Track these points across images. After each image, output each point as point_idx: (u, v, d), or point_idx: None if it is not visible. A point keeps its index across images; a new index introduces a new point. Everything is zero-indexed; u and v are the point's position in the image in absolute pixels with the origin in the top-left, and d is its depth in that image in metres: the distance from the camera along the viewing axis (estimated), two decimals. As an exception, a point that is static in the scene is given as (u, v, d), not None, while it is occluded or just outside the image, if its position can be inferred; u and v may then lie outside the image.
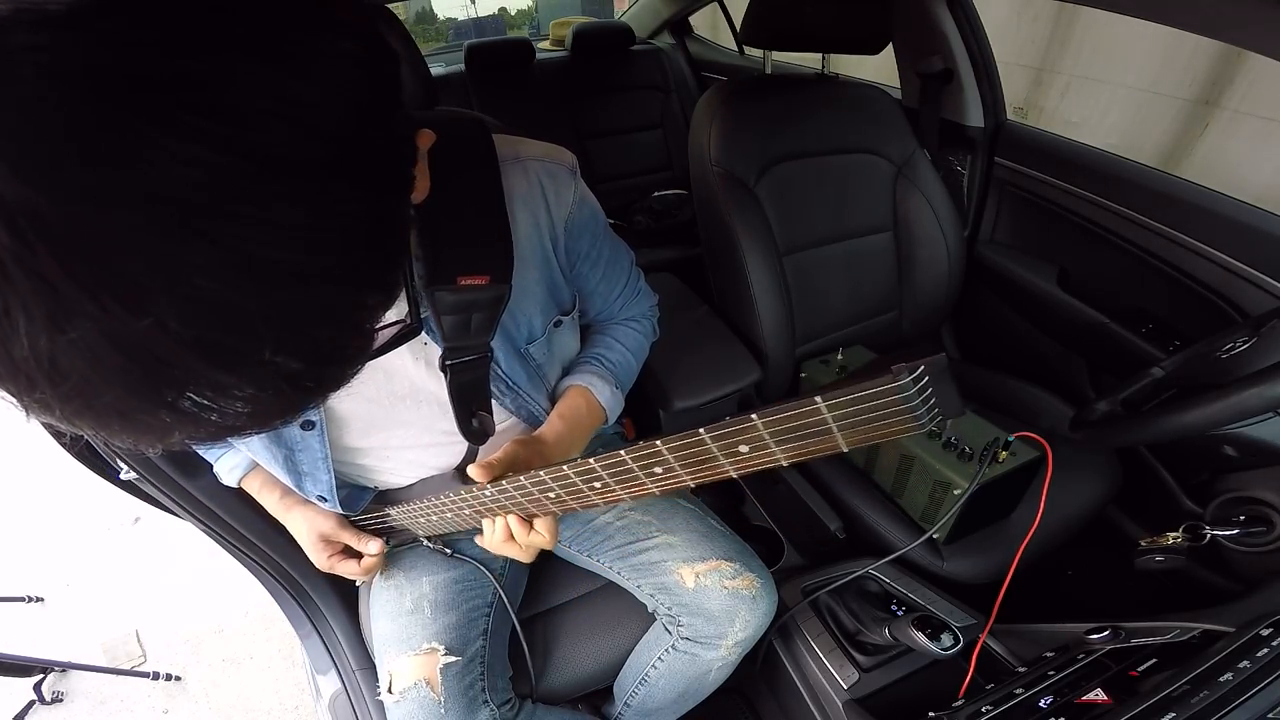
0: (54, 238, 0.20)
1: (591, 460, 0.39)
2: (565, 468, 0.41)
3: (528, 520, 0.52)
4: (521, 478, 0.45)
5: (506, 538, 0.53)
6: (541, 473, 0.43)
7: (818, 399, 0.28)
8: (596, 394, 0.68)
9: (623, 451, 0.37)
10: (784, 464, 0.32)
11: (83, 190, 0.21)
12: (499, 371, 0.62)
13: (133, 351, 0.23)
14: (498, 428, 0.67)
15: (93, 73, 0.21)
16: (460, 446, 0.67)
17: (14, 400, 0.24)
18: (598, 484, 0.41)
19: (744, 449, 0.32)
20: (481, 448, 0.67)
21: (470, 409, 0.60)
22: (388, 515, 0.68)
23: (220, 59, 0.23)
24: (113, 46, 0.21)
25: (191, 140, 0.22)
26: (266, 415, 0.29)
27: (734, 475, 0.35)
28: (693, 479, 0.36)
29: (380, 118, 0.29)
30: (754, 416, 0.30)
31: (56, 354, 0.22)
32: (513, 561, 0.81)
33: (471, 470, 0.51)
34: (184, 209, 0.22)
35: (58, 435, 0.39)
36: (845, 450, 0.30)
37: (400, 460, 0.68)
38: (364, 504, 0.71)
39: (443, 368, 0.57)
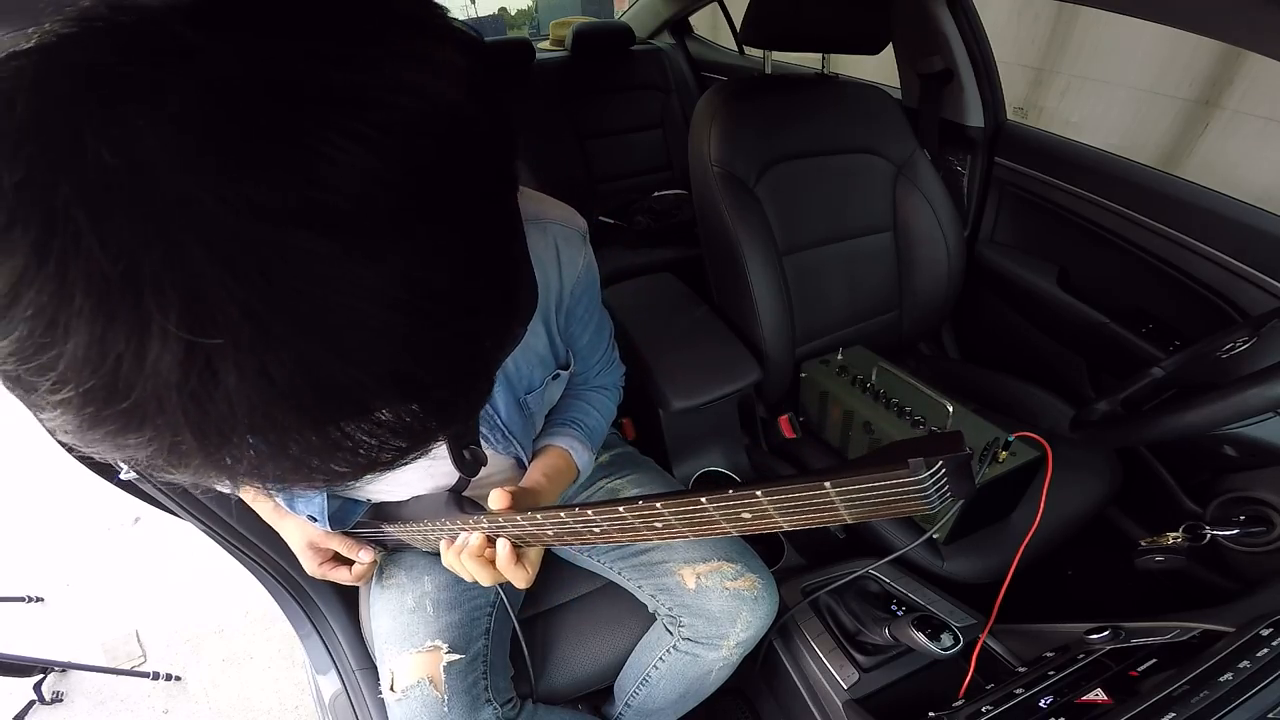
0: (269, 272, 0.19)
1: (590, 512, 0.38)
2: (563, 514, 0.40)
3: (517, 551, 0.52)
4: (518, 517, 0.46)
5: (479, 553, 0.51)
6: (539, 515, 0.43)
7: (826, 484, 0.27)
8: (575, 457, 0.71)
9: (621, 508, 0.36)
10: (785, 529, 0.32)
11: (287, 213, 0.19)
12: (498, 421, 0.64)
13: (329, 390, 0.21)
14: (491, 470, 0.68)
15: (268, 80, 0.19)
16: (443, 475, 0.67)
17: (212, 469, 0.22)
18: (596, 530, 0.40)
19: (746, 515, 0.32)
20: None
21: (462, 443, 0.59)
22: (383, 530, 0.68)
23: (382, 67, 0.22)
24: (270, 51, 0.20)
25: (371, 151, 0.20)
26: (412, 446, 0.28)
27: (733, 534, 0.35)
28: (693, 534, 0.36)
29: (505, 131, 0.28)
30: (758, 492, 0.29)
31: (268, 404, 0.20)
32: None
33: (494, 496, 0.52)
34: (366, 231, 0.20)
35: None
36: (849, 523, 0.30)
37: (393, 480, 0.67)
38: (356, 517, 0.71)
39: None
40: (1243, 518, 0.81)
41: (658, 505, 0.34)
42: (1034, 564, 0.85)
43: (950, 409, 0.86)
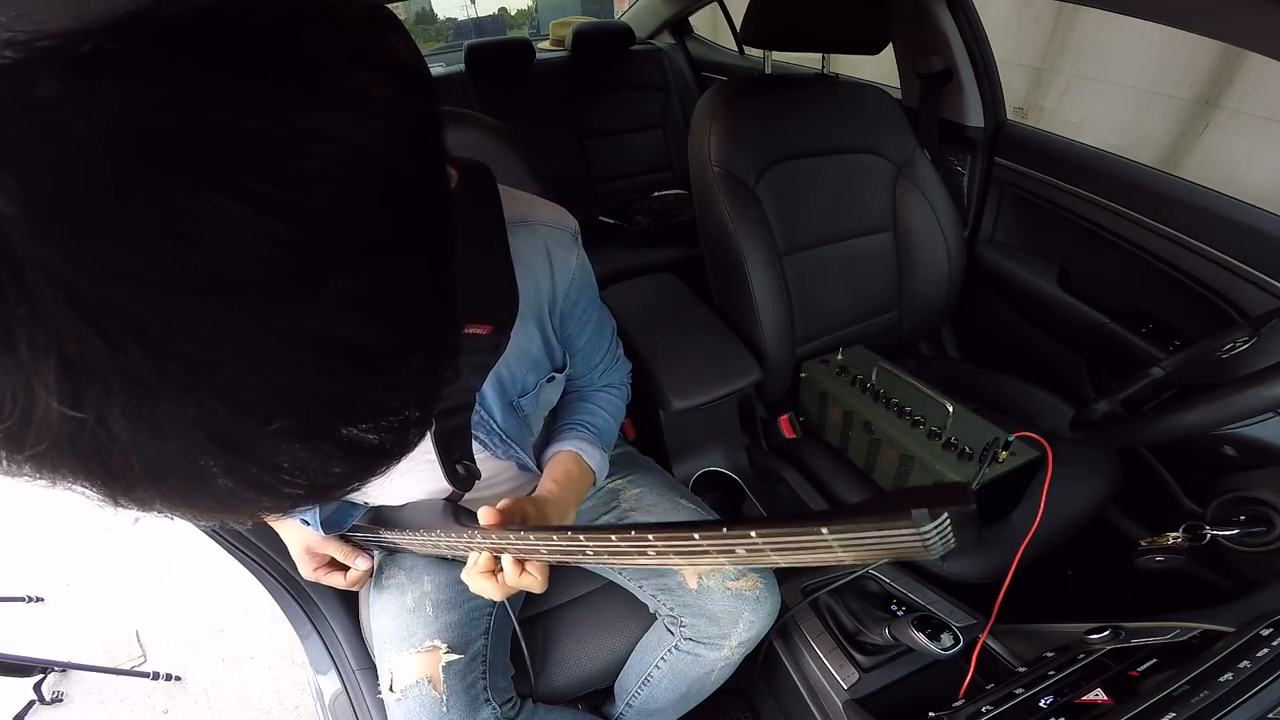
0: (146, 337, 0.18)
1: (582, 538, 0.39)
2: (555, 536, 0.40)
3: (520, 562, 0.51)
4: (510, 535, 0.46)
5: (488, 569, 0.52)
6: (531, 536, 0.43)
7: (823, 529, 0.26)
8: (587, 459, 0.70)
9: (613, 536, 0.35)
10: (780, 565, 0.31)
11: (160, 279, 0.18)
12: (494, 425, 0.64)
13: (231, 444, 0.21)
14: (494, 473, 0.68)
15: (141, 133, 0.17)
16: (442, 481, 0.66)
17: (108, 501, 0.22)
18: (588, 552, 0.40)
19: (740, 551, 0.31)
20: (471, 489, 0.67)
21: (454, 456, 0.59)
22: (380, 535, 0.68)
23: (278, 114, 0.20)
24: (157, 100, 0.18)
25: (262, 210, 0.19)
26: (341, 483, 0.27)
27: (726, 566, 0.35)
28: (686, 564, 0.36)
29: (433, 169, 0.27)
30: (753, 532, 0.28)
31: (158, 458, 0.20)
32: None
33: (482, 514, 0.51)
34: (261, 291, 0.19)
35: None
36: (846, 563, 0.29)
37: (389, 486, 0.67)
38: (352, 521, 0.70)
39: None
40: (1243, 518, 0.81)
41: (649, 537, 0.33)
42: (1034, 564, 0.85)
43: (950, 409, 0.86)
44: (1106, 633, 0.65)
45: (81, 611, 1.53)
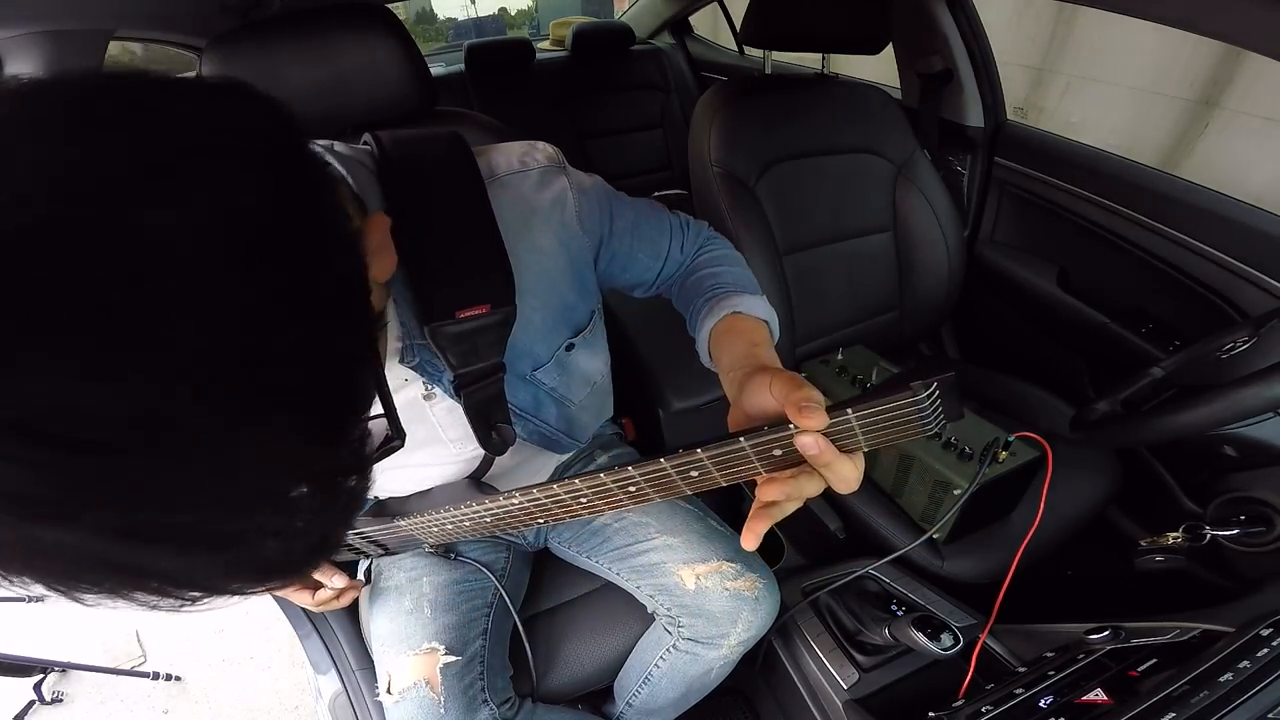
0: None
1: (578, 481, 0.42)
2: (603, 477, 0.42)
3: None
4: (543, 491, 0.46)
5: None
6: (577, 481, 0.43)
7: (849, 411, 0.32)
8: (745, 310, 0.56)
9: (663, 460, 0.38)
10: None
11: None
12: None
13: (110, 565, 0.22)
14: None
15: None
16: (459, 463, 0.66)
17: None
18: (632, 488, 0.42)
19: (777, 452, 0.35)
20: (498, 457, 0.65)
21: (489, 423, 0.57)
22: (397, 525, 0.67)
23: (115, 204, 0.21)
24: None
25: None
26: (293, 562, 0.28)
27: (763, 471, 0.37)
28: (725, 480, 0.39)
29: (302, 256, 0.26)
30: (793, 426, 0.33)
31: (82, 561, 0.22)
32: (514, 561, 0.81)
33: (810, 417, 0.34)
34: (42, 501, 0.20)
35: None
36: (865, 450, 0.35)
37: (400, 475, 0.67)
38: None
39: (457, 392, 0.55)
40: (1243, 518, 0.81)
41: (699, 451, 0.36)
42: (1034, 564, 0.84)
43: (950, 409, 0.86)
44: (1106, 633, 0.65)
45: (81, 611, 1.52)
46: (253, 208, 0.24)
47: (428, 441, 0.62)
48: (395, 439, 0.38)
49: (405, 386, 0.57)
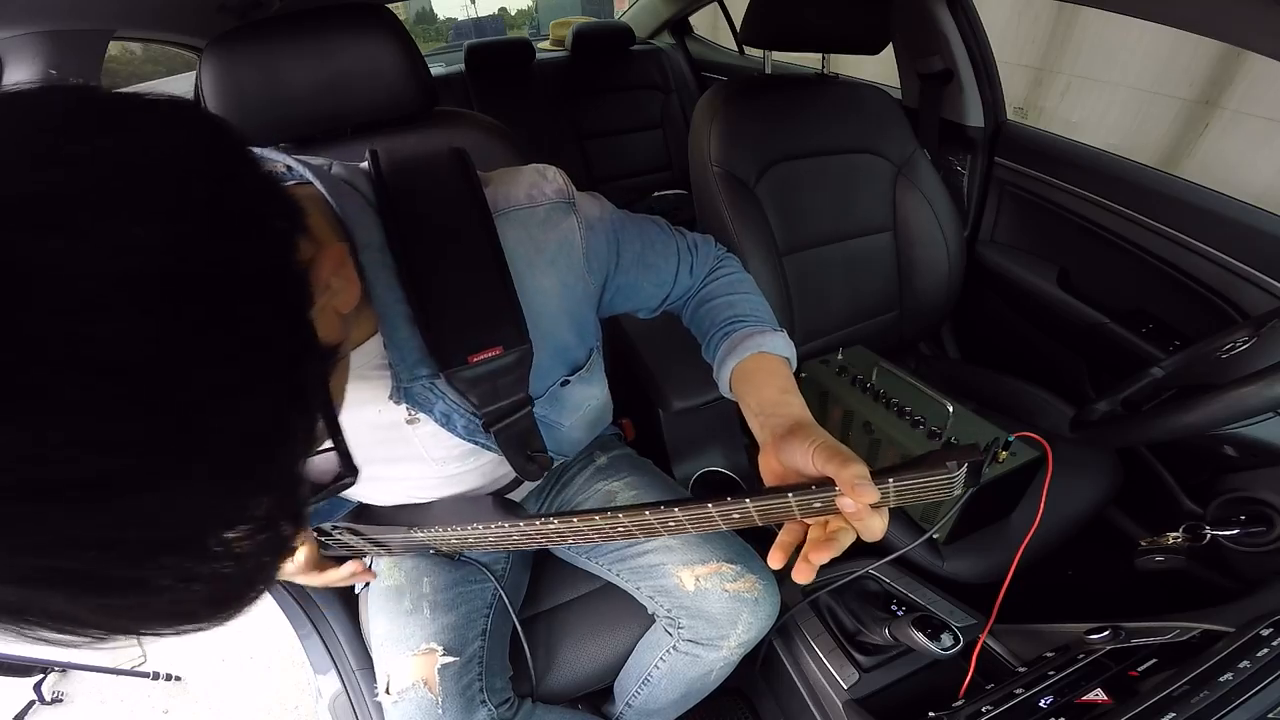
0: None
1: (621, 515, 0.45)
2: (647, 514, 0.45)
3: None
4: (583, 520, 0.47)
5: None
6: (620, 515, 0.46)
7: (890, 480, 0.37)
8: (769, 349, 0.57)
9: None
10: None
11: None
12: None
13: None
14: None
15: None
16: (441, 479, 0.65)
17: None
18: (672, 523, 0.46)
19: (817, 504, 0.41)
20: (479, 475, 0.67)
21: (525, 453, 0.59)
22: (413, 535, 0.64)
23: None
24: None
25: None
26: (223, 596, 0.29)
27: (798, 516, 0.44)
28: (762, 522, 0.45)
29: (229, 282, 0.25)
30: (825, 488, 0.40)
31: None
32: (514, 562, 0.81)
33: (850, 473, 0.38)
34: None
35: None
36: (892, 505, 0.40)
37: (379, 487, 0.66)
38: (341, 515, 0.67)
39: (485, 430, 0.55)
40: (1243, 518, 0.81)
41: (748, 500, 0.42)
42: (1034, 564, 0.84)
43: (950, 409, 0.86)
44: (1106, 633, 0.65)
45: (81, 611, 1.53)
46: (156, 246, 0.23)
47: (408, 459, 0.61)
48: (347, 475, 0.37)
49: (389, 410, 0.54)
